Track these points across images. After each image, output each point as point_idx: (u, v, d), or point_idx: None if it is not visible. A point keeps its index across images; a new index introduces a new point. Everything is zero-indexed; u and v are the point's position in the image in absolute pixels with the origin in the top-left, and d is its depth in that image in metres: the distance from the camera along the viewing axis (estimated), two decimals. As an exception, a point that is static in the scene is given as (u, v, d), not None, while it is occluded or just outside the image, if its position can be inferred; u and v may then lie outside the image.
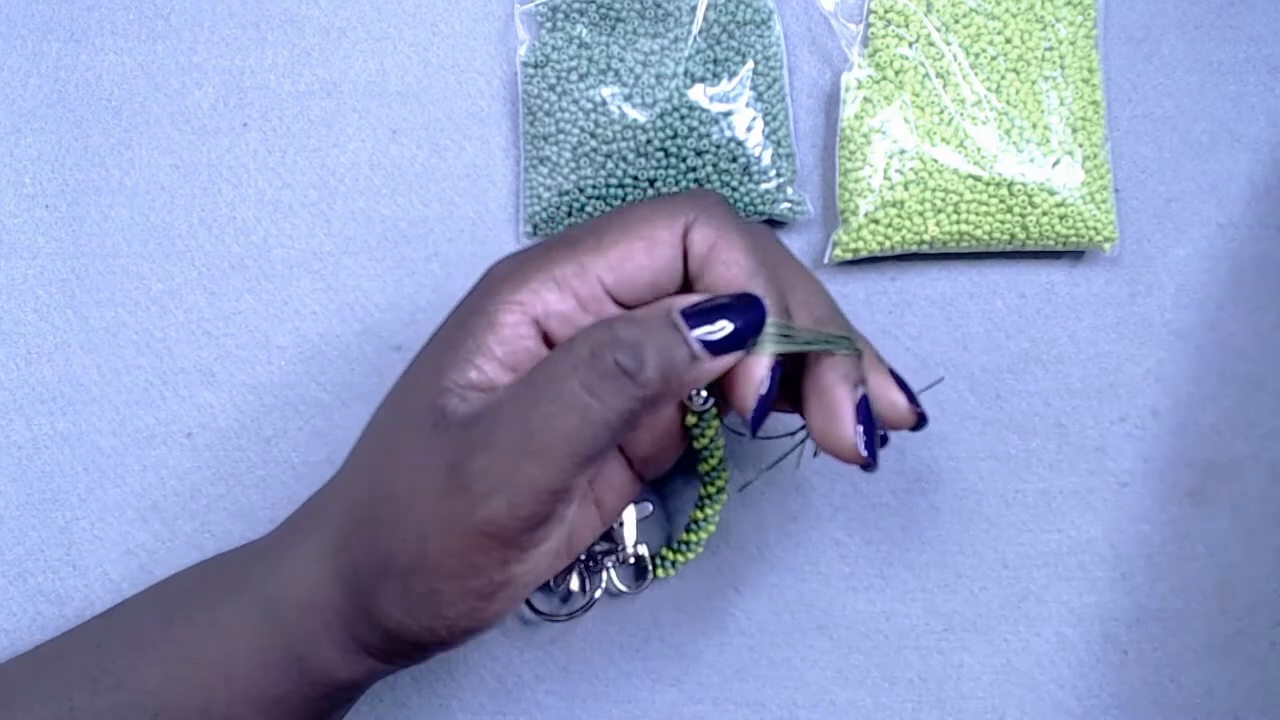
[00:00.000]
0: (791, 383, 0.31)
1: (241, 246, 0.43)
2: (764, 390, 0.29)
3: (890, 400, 0.31)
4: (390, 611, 0.29)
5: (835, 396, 0.29)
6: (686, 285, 0.30)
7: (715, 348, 0.28)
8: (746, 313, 0.29)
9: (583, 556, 0.39)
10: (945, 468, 0.41)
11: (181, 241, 0.43)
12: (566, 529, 0.30)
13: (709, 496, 0.35)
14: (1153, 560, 0.41)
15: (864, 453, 0.29)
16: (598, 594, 0.39)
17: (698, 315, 0.28)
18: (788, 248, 0.32)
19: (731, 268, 0.29)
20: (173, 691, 0.31)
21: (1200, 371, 0.42)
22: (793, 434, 0.33)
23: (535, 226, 0.42)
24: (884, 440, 0.32)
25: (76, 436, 0.42)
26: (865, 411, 0.30)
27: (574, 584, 0.39)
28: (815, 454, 0.31)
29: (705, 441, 0.32)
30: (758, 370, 0.29)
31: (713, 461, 0.33)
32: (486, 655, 0.41)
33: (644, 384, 0.27)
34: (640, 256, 0.29)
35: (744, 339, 0.29)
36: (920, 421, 0.32)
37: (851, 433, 0.29)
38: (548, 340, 0.30)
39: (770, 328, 0.29)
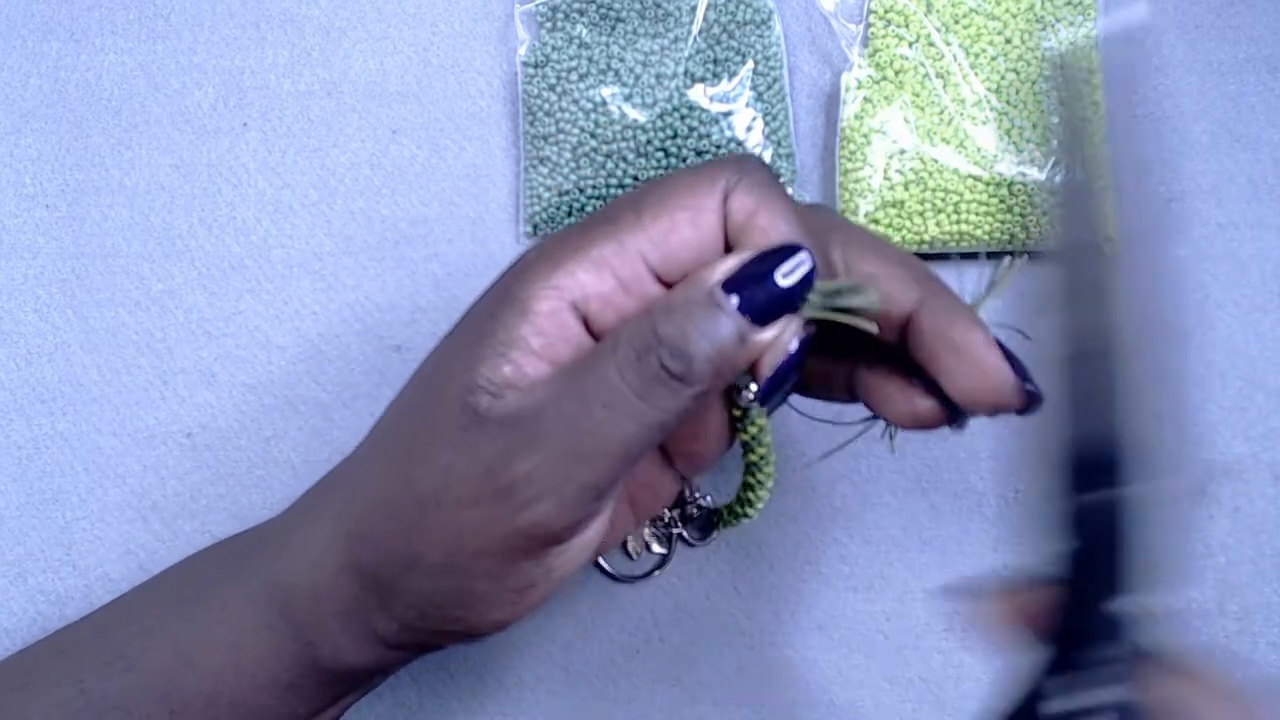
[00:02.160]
0: (834, 366, 0.30)
1: (241, 246, 0.43)
2: (780, 358, 0.27)
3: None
4: (415, 604, 0.28)
5: (973, 341, 0.27)
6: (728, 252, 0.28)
7: (763, 314, 0.26)
8: (788, 262, 0.26)
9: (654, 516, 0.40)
10: (945, 468, 0.41)
11: (181, 241, 0.43)
12: (606, 521, 0.29)
13: (751, 485, 0.33)
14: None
15: (1029, 385, 0.27)
16: (666, 549, 0.41)
17: (738, 280, 0.26)
18: (851, 222, 0.30)
19: (770, 234, 0.27)
20: (183, 674, 0.31)
21: (1200, 371, 0.42)
22: (868, 419, 0.32)
23: (535, 226, 0.42)
24: (960, 421, 0.30)
25: (76, 436, 0.42)
26: (1004, 349, 0.27)
27: (655, 547, 0.40)
28: (893, 436, 0.30)
29: (748, 437, 0.32)
30: (781, 336, 0.27)
31: (754, 456, 0.32)
32: (486, 655, 0.41)
33: (695, 382, 0.26)
34: (684, 229, 0.27)
35: (794, 297, 0.26)
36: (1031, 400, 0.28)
37: (1009, 373, 0.27)
38: (588, 325, 0.28)
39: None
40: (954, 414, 0.29)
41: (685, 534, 0.41)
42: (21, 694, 0.32)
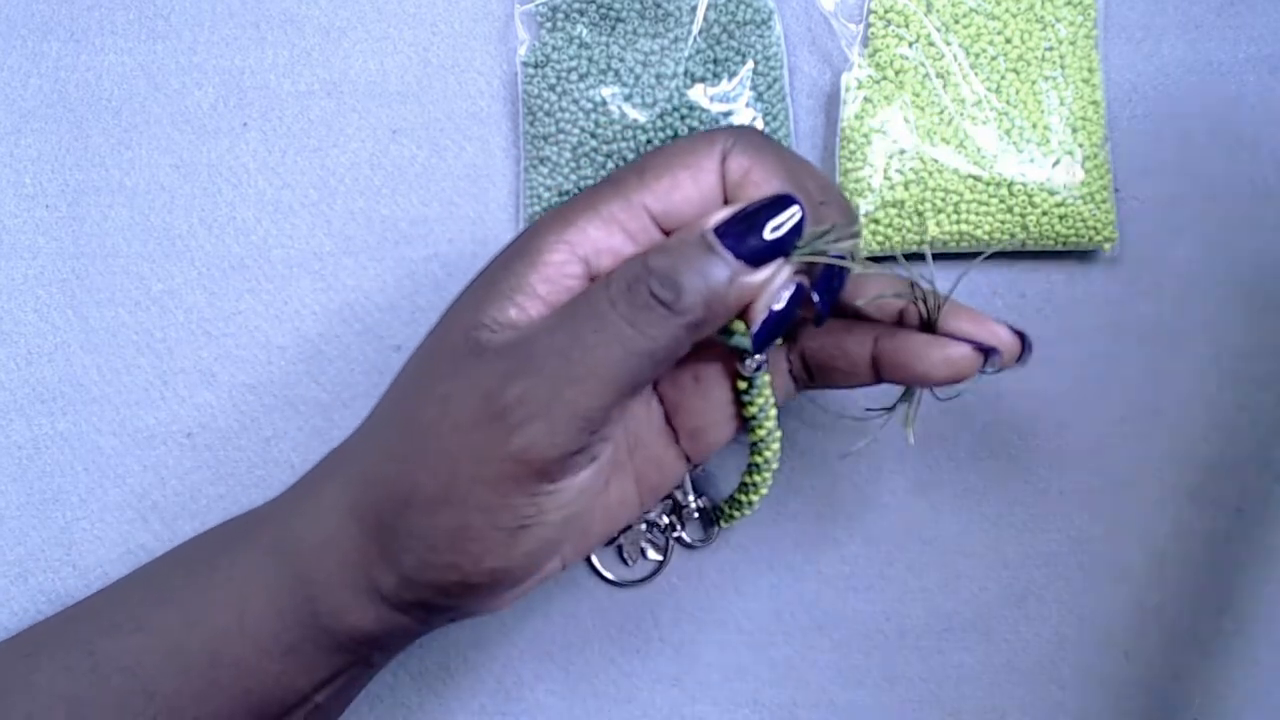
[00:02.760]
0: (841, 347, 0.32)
1: (241, 246, 0.43)
2: (778, 305, 0.28)
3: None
4: (412, 548, 0.29)
5: (970, 321, 0.30)
6: None
7: (754, 257, 0.28)
8: (781, 213, 0.28)
9: (650, 521, 0.41)
10: (945, 468, 0.41)
11: (181, 241, 0.43)
12: (600, 471, 0.30)
13: (757, 466, 0.34)
14: (1153, 560, 0.41)
15: (1016, 334, 0.30)
16: (662, 555, 0.41)
17: (731, 227, 0.28)
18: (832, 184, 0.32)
19: (763, 188, 0.28)
20: (189, 634, 0.31)
21: (1200, 371, 0.42)
22: (891, 409, 0.33)
23: (535, 226, 0.42)
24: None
25: (76, 436, 0.42)
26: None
27: (651, 554, 0.41)
28: (911, 425, 0.31)
29: (754, 410, 0.32)
30: (773, 280, 0.28)
31: (761, 431, 0.33)
32: (486, 655, 0.41)
33: (683, 311, 0.27)
34: (686, 186, 0.29)
35: (784, 242, 0.28)
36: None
37: (1005, 331, 0.30)
38: (593, 278, 0.29)
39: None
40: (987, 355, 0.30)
41: (684, 537, 0.41)
42: (28, 661, 0.32)
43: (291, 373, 0.42)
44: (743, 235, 0.28)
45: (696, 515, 0.41)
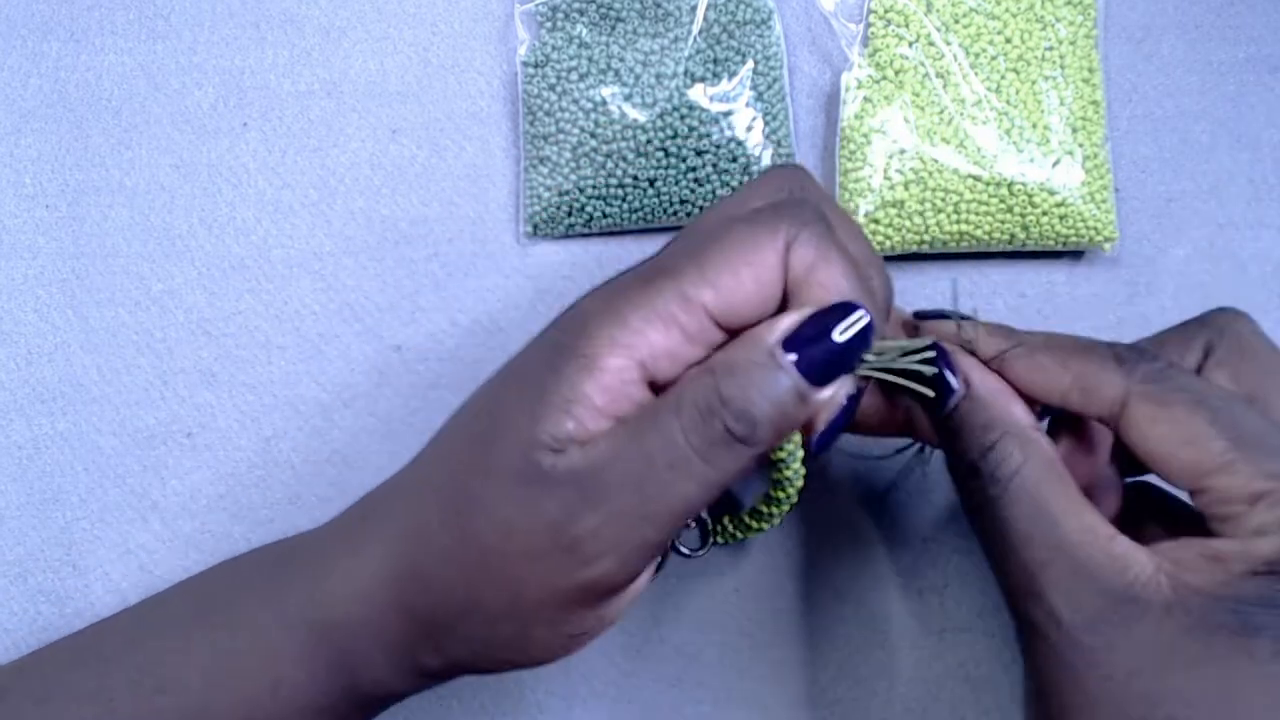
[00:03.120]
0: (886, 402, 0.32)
1: (241, 246, 0.43)
2: (834, 413, 0.28)
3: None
4: (471, 646, 0.29)
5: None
6: (784, 301, 0.29)
7: (822, 375, 0.27)
8: (847, 320, 0.27)
9: None
10: (945, 469, 0.41)
11: (181, 241, 0.43)
12: (654, 566, 0.30)
13: (777, 499, 0.34)
14: (1153, 560, 0.41)
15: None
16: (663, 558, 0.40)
17: (799, 343, 0.27)
18: (885, 272, 0.31)
19: (830, 290, 0.27)
20: (215, 698, 0.31)
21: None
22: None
23: (535, 226, 0.42)
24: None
25: (76, 436, 0.42)
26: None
27: None
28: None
29: (783, 454, 0.32)
30: (837, 395, 0.28)
31: (788, 472, 0.32)
32: (486, 655, 0.41)
33: (757, 444, 0.27)
34: (749, 285, 0.27)
35: (851, 358, 0.27)
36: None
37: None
38: (650, 382, 0.28)
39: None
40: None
41: (682, 548, 0.41)
42: (45, 707, 0.32)
43: (291, 373, 0.42)
44: (810, 353, 0.27)
45: (693, 525, 0.40)
